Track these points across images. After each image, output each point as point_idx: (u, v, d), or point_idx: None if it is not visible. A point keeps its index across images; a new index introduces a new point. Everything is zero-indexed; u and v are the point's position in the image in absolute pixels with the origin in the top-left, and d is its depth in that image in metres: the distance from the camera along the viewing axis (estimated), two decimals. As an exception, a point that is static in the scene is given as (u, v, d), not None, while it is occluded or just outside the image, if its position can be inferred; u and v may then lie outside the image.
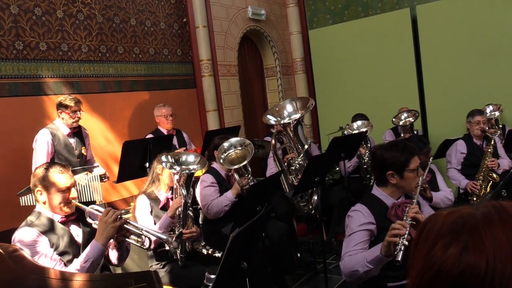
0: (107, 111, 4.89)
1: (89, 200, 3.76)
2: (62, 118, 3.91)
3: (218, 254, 3.19)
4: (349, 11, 7.49)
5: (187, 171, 3.05)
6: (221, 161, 3.56)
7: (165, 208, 3.18)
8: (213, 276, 2.39)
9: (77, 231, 2.48)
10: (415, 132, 5.45)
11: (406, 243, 1.94)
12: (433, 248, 0.74)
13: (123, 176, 4.04)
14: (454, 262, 0.70)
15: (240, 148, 3.62)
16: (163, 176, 3.24)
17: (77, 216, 2.50)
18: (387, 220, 2.30)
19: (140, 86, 5.31)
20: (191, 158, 3.19)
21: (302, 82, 7.65)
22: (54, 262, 2.28)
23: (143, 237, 2.42)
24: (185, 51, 5.96)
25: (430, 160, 3.09)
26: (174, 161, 3.11)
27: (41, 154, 3.80)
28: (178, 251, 2.98)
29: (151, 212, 3.16)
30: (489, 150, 4.27)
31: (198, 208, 3.74)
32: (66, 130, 3.95)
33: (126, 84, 5.15)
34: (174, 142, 4.79)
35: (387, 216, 2.33)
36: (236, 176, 3.53)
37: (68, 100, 3.87)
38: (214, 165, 3.81)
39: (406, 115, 5.36)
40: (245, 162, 3.49)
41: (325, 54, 7.42)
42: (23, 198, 3.58)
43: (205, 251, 3.25)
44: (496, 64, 6.06)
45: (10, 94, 4.08)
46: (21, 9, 4.19)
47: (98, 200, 3.89)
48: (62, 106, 3.88)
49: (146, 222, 3.06)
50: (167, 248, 3.02)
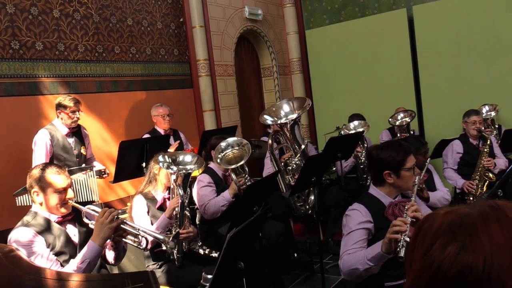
0: (104, 111, 4.88)
1: (85, 200, 3.76)
2: (61, 118, 3.92)
3: (215, 254, 3.19)
4: (345, 11, 7.50)
5: (184, 171, 3.04)
6: (218, 160, 3.55)
7: (162, 208, 3.17)
8: (210, 276, 2.39)
9: (73, 231, 2.48)
10: (412, 132, 5.46)
11: (408, 240, 1.95)
12: (431, 247, 0.74)
13: (120, 176, 4.03)
14: (452, 261, 0.71)
15: (237, 148, 3.62)
16: (160, 176, 3.23)
17: (73, 216, 2.49)
18: (385, 219, 2.32)
19: (136, 86, 5.30)
20: (188, 158, 3.19)
21: (299, 82, 7.65)
22: (50, 263, 2.27)
23: (140, 237, 2.41)
24: (182, 51, 5.95)
25: (428, 160, 3.09)
26: (171, 161, 3.10)
27: (39, 155, 3.82)
28: (175, 251, 2.98)
29: (148, 212, 3.15)
30: (485, 150, 4.28)
31: (195, 208, 3.74)
32: (65, 130, 3.95)
33: (123, 84, 5.13)
34: (171, 142, 4.79)
35: (385, 215, 2.35)
36: (233, 176, 3.53)
37: (67, 100, 3.88)
38: (211, 165, 3.81)
39: (402, 115, 5.37)
40: (242, 162, 3.49)
41: (322, 54, 7.43)
42: (19, 198, 3.57)
43: (202, 251, 3.25)
44: (492, 64, 6.08)
45: (6, 94, 4.07)
46: (17, 8, 4.17)
47: (95, 200, 3.88)
48: (61, 106, 3.89)
49: (143, 222, 3.05)
50: (164, 248, 3.01)
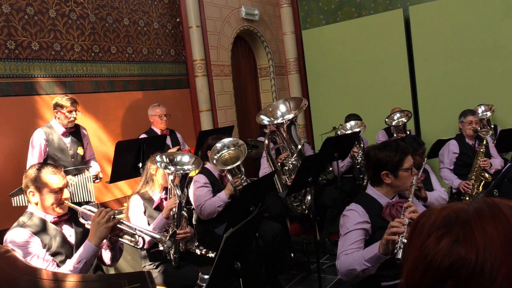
0: (100, 111, 4.87)
1: (82, 200, 3.75)
2: (58, 118, 3.93)
3: (211, 254, 3.18)
4: (342, 12, 7.51)
5: (182, 171, 3.04)
6: (214, 162, 3.55)
7: (158, 208, 3.16)
8: (206, 276, 2.39)
9: (69, 231, 2.47)
10: (408, 132, 5.47)
11: (405, 241, 1.95)
12: (426, 241, 0.76)
13: (116, 176, 4.02)
14: (446, 253, 0.72)
15: (233, 148, 3.61)
16: (157, 176, 3.23)
17: (69, 216, 2.49)
18: (382, 219, 2.32)
19: (133, 86, 5.29)
20: (186, 158, 3.18)
21: (295, 82, 7.66)
22: (46, 263, 2.27)
23: (137, 236, 2.41)
24: (178, 51, 5.95)
25: (425, 160, 3.10)
26: (168, 161, 3.10)
27: (33, 155, 3.83)
28: (172, 251, 2.97)
29: (145, 212, 3.15)
30: (481, 150, 4.29)
31: (192, 208, 3.73)
32: (61, 130, 3.95)
33: (119, 84, 5.12)
34: (168, 142, 4.79)
35: (382, 215, 2.35)
36: (229, 176, 3.53)
37: (64, 100, 3.88)
38: (207, 165, 3.80)
39: (399, 116, 5.38)
40: (238, 163, 3.49)
41: (318, 54, 7.44)
42: (15, 198, 3.56)
43: (198, 252, 3.23)
44: (488, 64, 6.11)
45: (2, 94, 4.05)
46: (13, 8, 4.16)
47: (92, 200, 3.87)
48: (58, 106, 3.89)
49: (139, 222, 3.05)
50: (161, 248, 3.01)
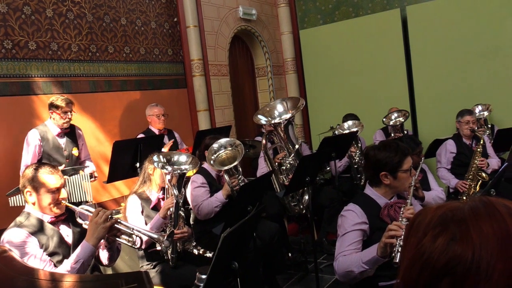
0: (98, 111, 4.86)
1: (79, 200, 3.74)
2: (53, 119, 3.92)
3: (209, 254, 3.18)
4: (339, 12, 7.52)
5: (179, 171, 3.03)
6: (211, 162, 3.54)
7: (156, 208, 3.16)
8: (204, 276, 2.39)
9: (66, 231, 2.46)
10: (405, 132, 5.48)
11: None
12: (422, 239, 0.77)
13: (114, 176, 4.02)
14: (442, 251, 0.73)
15: (230, 148, 3.61)
16: (155, 176, 3.22)
17: (67, 216, 2.48)
18: (380, 220, 2.32)
19: (130, 85, 5.28)
20: (183, 158, 3.18)
21: (293, 82, 7.66)
22: (43, 263, 2.26)
23: (134, 236, 2.41)
24: (176, 51, 5.94)
25: (422, 159, 3.11)
26: (166, 161, 3.09)
27: (27, 155, 3.82)
28: (169, 251, 2.97)
29: (142, 212, 3.14)
30: (478, 150, 4.30)
31: (189, 208, 3.73)
32: (56, 130, 3.94)
33: (117, 83, 5.11)
34: (166, 141, 4.78)
35: (380, 216, 2.34)
36: (226, 177, 3.52)
37: (59, 100, 3.86)
38: (205, 165, 3.80)
39: (396, 115, 5.39)
40: (235, 163, 3.48)
41: (316, 54, 7.44)
42: (12, 198, 3.55)
43: (196, 251, 3.24)
44: (485, 64, 6.12)
45: (-1, 93, 4.05)
46: (10, 7, 4.15)
47: (89, 200, 3.87)
48: (53, 107, 3.88)
49: (137, 222, 3.04)
50: (158, 248, 3.01)
